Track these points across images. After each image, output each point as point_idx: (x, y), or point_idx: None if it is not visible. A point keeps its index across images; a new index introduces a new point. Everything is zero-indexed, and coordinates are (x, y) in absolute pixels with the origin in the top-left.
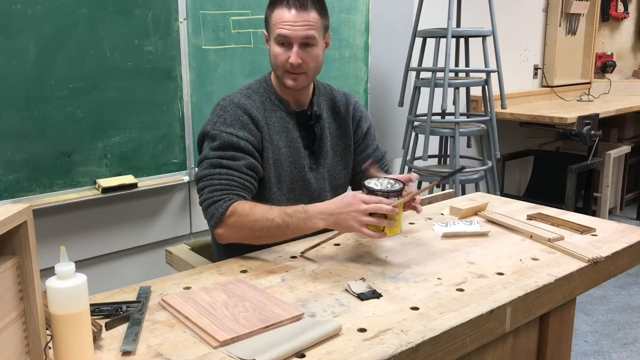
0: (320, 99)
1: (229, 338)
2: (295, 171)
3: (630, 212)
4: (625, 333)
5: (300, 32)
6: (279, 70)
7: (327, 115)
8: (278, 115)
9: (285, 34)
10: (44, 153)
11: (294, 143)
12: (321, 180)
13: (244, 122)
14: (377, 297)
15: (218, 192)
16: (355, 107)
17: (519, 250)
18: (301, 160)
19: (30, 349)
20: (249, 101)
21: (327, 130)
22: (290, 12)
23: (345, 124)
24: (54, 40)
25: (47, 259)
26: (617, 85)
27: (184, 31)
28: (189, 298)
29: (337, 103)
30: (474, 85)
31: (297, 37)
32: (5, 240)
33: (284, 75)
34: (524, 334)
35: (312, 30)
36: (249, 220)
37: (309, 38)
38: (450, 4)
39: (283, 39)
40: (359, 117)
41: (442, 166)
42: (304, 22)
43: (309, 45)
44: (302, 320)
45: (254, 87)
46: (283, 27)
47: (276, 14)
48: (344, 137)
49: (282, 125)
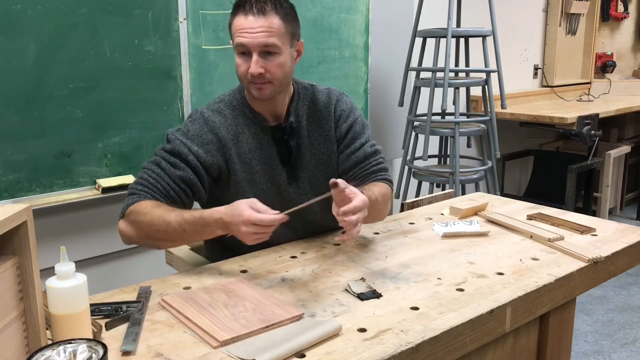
0: (299, 105)
1: (229, 338)
2: (272, 188)
3: (630, 212)
4: (625, 333)
5: (259, 40)
6: (243, 81)
7: (306, 123)
8: (252, 130)
9: (242, 42)
10: (44, 153)
11: (269, 160)
12: (302, 194)
13: (204, 141)
14: (377, 297)
15: (140, 186)
16: (337, 105)
17: (519, 250)
18: (276, 178)
19: (30, 349)
20: (219, 118)
21: (307, 139)
22: (247, 18)
23: (328, 128)
24: (54, 40)
25: (47, 259)
26: (617, 85)
27: (184, 31)
28: (189, 298)
29: (319, 106)
30: (474, 85)
31: (255, 45)
32: (5, 240)
33: (249, 86)
34: (524, 334)
35: (272, 38)
36: (146, 220)
37: (269, 46)
38: (450, 4)
39: (242, 47)
40: (338, 116)
41: (442, 166)
42: (262, 29)
43: (271, 54)
44: (302, 320)
45: (227, 100)
46: (240, 35)
47: (235, 22)
48: (326, 143)
49: (256, 142)
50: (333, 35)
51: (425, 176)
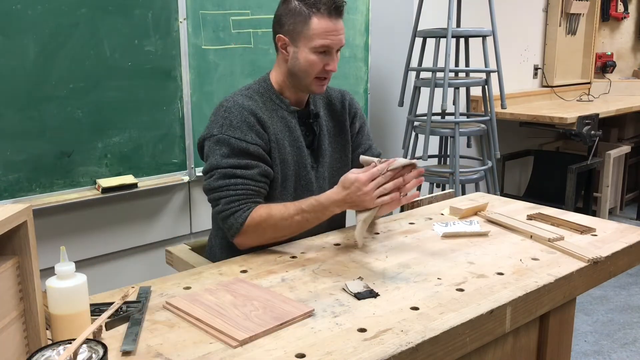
0: (316, 97)
1: (247, 337)
2: (299, 170)
3: (630, 212)
4: (625, 333)
5: (342, 42)
6: (310, 77)
7: (324, 114)
8: (280, 114)
9: (329, 44)
10: (44, 153)
11: (297, 142)
12: (321, 179)
13: (250, 124)
14: (374, 297)
15: (235, 202)
16: (351, 103)
17: (519, 250)
18: (304, 160)
19: (30, 349)
20: (251, 102)
21: (325, 128)
22: (331, 20)
23: (343, 120)
24: (54, 40)
25: (47, 259)
26: (617, 85)
27: (184, 31)
28: (195, 299)
29: (333, 100)
30: (474, 85)
31: (338, 45)
32: (5, 240)
33: (314, 82)
34: (524, 334)
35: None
36: (268, 225)
37: (343, 45)
38: (450, 4)
39: (325, 47)
40: (354, 112)
41: (442, 166)
42: (342, 31)
43: (338, 52)
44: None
45: (254, 88)
46: (328, 37)
47: (315, 24)
48: (341, 134)
49: (284, 125)
50: None
51: (425, 176)
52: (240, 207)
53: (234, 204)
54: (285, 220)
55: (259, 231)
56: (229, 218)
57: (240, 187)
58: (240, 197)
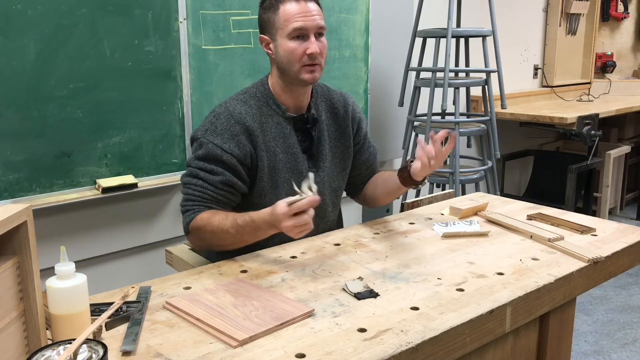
0: (318, 101)
1: (247, 337)
2: (293, 177)
3: (630, 212)
4: (625, 333)
5: (317, 22)
6: (296, 65)
7: (325, 117)
8: (275, 120)
9: (301, 25)
10: (44, 153)
11: (291, 148)
12: (320, 183)
13: (233, 133)
14: (374, 297)
15: (189, 202)
16: (354, 107)
17: (519, 250)
18: (299, 166)
19: (30, 349)
20: (244, 107)
21: (326, 132)
22: (299, 3)
23: (345, 125)
24: (54, 40)
25: (47, 259)
26: (617, 85)
27: (184, 31)
28: (195, 300)
29: (336, 104)
30: (474, 85)
31: (314, 27)
32: (5, 240)
33: (301, 70)
34: (524, 334)
35: (322, 21)
36: (207, 231)
37: (322, 28)
38: (450, 4)
39: (299, 31)
40: (358, 119)
41: (442, 166)
42: (316, 12)
43: (322, 35)
44: None
45: (251, 92)
46: (298, 20)
47: (284, 11)
48: (342, 139)
49: (279, 131)
50: (333, 35)
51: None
52: (192, 208)
53: (189, 202)
54: (222, 231)
55: (200, 235)
56: (183, 215)
57: (199, 189)
58: (196, 199)
